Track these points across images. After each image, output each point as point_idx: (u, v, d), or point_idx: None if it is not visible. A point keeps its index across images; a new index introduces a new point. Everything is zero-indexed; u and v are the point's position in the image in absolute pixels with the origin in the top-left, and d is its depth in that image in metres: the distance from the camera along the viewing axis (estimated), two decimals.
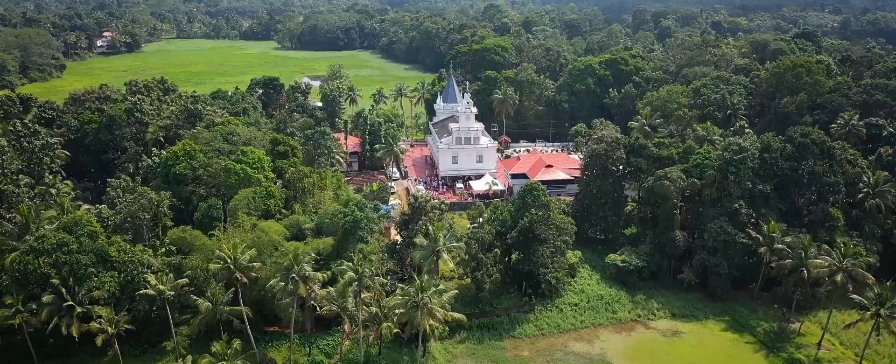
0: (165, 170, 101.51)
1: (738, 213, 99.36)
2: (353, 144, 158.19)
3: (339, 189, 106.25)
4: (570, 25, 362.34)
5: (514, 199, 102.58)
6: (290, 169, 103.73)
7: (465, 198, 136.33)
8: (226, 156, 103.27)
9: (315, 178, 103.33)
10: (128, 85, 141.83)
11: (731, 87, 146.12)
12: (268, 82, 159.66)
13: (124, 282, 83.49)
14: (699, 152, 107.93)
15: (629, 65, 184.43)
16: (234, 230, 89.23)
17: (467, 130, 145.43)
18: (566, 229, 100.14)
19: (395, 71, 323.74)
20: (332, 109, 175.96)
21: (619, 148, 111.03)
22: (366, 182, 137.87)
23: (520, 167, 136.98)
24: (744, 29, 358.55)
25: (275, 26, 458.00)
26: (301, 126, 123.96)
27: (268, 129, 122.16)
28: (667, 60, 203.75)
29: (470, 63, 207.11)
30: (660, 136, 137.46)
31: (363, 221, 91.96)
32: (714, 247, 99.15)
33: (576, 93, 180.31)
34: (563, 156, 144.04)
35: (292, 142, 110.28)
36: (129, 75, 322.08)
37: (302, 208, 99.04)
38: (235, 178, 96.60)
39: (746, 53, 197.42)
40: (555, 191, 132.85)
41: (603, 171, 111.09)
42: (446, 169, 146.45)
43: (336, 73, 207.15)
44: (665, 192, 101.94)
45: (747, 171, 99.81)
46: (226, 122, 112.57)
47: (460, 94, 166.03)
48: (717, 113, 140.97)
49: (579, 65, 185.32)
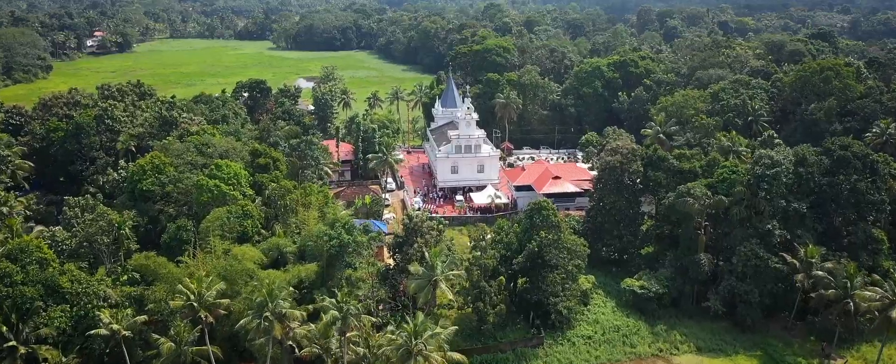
0: (131, 185, 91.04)
1: (771, 235, 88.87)
2: (346, 152, 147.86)
3: (326, 206, 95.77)
4: (573, 25, 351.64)
5: (520, 219, 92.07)
6: (270, 184, 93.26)
7: (466, 211, 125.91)
8: (199, 170, 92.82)
9: (299, 194, 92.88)
10: (99, 89, 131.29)
11: (751, 92, 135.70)
12: (254, 85, 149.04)
13: (77, 317, 73.12)
14: (725, 165, 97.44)
15: (639, 67, 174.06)
16: (204, 256, 78.80)
17: (468, 138, 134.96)
18: (578, 252, 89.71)
19: (392, 72, 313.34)
20: (325, 114, 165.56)
21: (635, 160, 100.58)
22: (358, 194, 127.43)
23: (524, 178, 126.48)
24: (752, 29, 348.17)
25: (270, 26, 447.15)
26: (286, 135, 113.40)
27: (250, 139, 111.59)
28: (678, 62, 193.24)
29: (470, 65, 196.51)
30: (676, 143, 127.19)
31: (351, 245, 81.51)
32: (744, 272, 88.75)
33: (582, 96, 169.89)
34: (571, 166, 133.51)
35: (275, 153, 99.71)
36: (118, 76, 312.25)
37: (283, 229, 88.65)
38: (208, 196, 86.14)
39: (762, 55, 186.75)
40: (563, 204, 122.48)
41: (617, 185, 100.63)
42: (445, 179, 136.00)
43: (329, 75, 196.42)
44: (688, 211, 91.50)
45: (781, 188, 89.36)
46: (201, 131, 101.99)
47: (460, 99, 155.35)
48: (737, 119, 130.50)
49: (586, 67, 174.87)
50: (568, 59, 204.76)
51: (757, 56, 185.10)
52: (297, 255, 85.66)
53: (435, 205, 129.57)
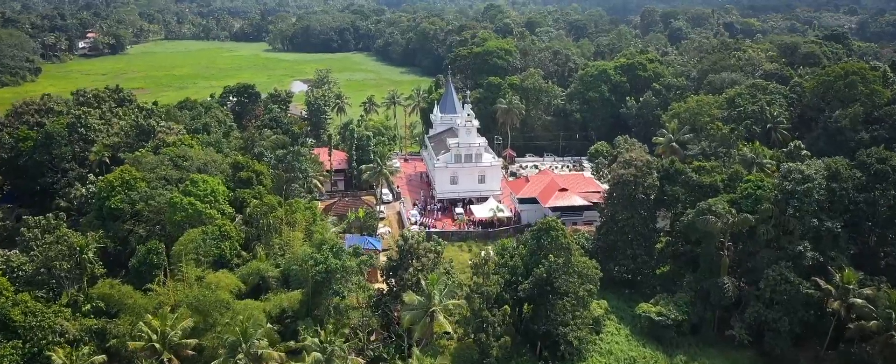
0: (99, 203, 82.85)
1: (802, 257, 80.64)
2: (340, 160, 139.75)
3: (313, 224, 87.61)
4: (575, 26, 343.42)
5: (526, 240, 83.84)
6: (252, 201, 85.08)
7: (466, 226, 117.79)
8: (174, 185, 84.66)
9: (283, 211, 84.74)
10: (75, 94, 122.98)
11: (769, 97, 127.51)
12: (242, 90, 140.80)
13: (30, 354, 65.13)
14: (749, 180, 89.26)
15: (647, 70, 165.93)
16: (175, 285, 70.69)
17: (468, 146, 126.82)
18: (590, 276, 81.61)
19: (390, 74, 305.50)
20: (318, 120, 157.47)
21: (651, 173, 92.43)
22: (351, 206, 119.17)
23: (529, 190, 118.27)
24: (758, 30, 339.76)
25: (266, 27, 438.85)
26: (272, 145, 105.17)
27: (233, 149, 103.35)
28: (687, 65, 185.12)
29: (470, 67, 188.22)
30: (690, 153, 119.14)
31: (339, 272, 73.41)
32: (772, 298, 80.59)
33: (588, 101, 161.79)
34: (579, 177, 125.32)
35: (258, 166, 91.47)
36: (109, 79, 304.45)
37: (265, 251, 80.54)
38: (182, 215, 77.96)
39: (775, 57, 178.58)
40: (570, 218, 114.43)
41: (631, 200, 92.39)
42: (444, 191, 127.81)
43: (323, 79, 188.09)
44: (710, 230, 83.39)
45: (812, 206, 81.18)
46: (178, 142, 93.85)
47: (460, 104, 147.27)
48: (755, 127, 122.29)
49: (592, 70, 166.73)
50: (572, 62, 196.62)
51: (770, 59, 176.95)
52: (281, 281, 77.71)
53: (433, 218, 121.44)
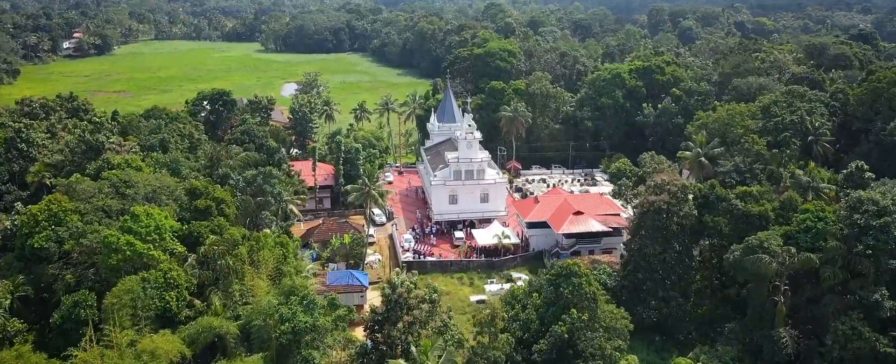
0: (21, 240, 68.19)
1: (879, 307, 66.16)
2: (326, 175, 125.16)
3: (284, 262, 72.94)
4: (580, 26, 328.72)
5: (541, 285, 69.05)
6: (209, 236, 70.39)
7: (467, 254, 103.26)
8: (115, 218, 69.99)
9: (247, 248, 70.08)
10: (19, 104, 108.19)
11: (809, 106, 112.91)
12: (217, 97, 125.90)
13: None
14: (807, 210, 74.53)
15: (665, 73, 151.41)
16: (101, 352, 56.05)
17: (469, 162, 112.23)
18: (619, 330, 67.03)
19: (386, 76, 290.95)
20: (303, 129, 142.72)
21: (686, 200, 77.77)
22: (336, 231, 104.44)
23: (539, 213, 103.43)
24: (771, 29, 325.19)
25: (259, 27, 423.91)
26: (242, 163, 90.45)
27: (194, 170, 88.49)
28: (706, 68, 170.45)
29: (470, 70, 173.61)
30: (722, 170, 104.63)
31: (309, 332, 58.81)
32: (841, 356, 66.05)
33: (600, 108, 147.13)
34: (596, 197, 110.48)
35: (219, 192, 76.66)
36: (91, 81, 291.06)
37: (223, 300, 65.86)
38: (118, 258, 63.33)
39: (802, 59, 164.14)
40: (586, 245, 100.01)
41: (663, 232, 77.78)
42: (442, 211, 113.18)
43: (311, 83, 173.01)
44: (762, 272, 68.80)
45: (890, 244, 66.64)
46: (124, 162, 79.12)
47: (459, 112, 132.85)
48: (794, 140, 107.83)
49: (605, 73, 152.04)
50: (581, 65, 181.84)
51: (796, 61, 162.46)
52: (242, 338, 63.15)
53: (429, 244, 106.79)
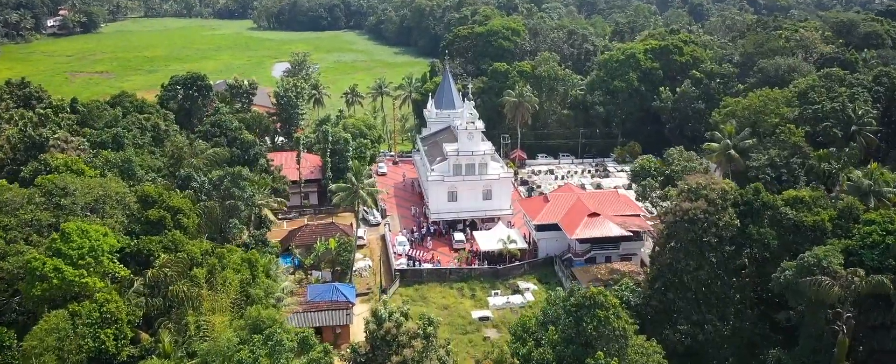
0: None
1: None
2: (312, 167, 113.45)
3: (252, 284, 61.41)
4: (585, 2, 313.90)
5: (558, 315, 57.44)
6: (161, 255, 58.77)
7: (470, 261, 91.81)
8: (46, 234, 58.31)
9: (205, 270, 58.52)
10: None
11: (851, 91, 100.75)
12: (190, 82, 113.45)
13: None
14: (872, 220, 62.80)
15: (684, 54, 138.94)
16: None
17: (470, 155, 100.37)
18: None
19: (382, 55, 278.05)
20: (288, 116, 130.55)
21: (726, 209, 66.05)
22: (321, 234, 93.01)
23: (549, 214, 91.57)
24: (784, 6, 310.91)
25: (252, 3, 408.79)
26: (209, 161, 78.41)
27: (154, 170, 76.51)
28: (726, 47, 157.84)
29: (471, 50, 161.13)
30: (755, 164, 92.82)
31: None
32: None
33: (613, 91, 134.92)
34: (612, 194, 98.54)
35: (176, 200, 64.75)
36: (74, 61, 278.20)
37: (174, 335, 54.44)
38: (43, 288, 51.75)
39: (830, 38, 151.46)
40: (603, 251, 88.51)
41: (698, 245, 66.22)
42: (439, 210, 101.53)
43: (299, 65, 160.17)
44: (824, 297, 57.32)
45: None
46: (64, 164, 67.13)
47: (459, 97, 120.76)
48: (835, 130, 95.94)
49: (617, 54, 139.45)
50: (589, 44, 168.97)
51: (824, 39, 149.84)
52: None
53: (424, 249, 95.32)
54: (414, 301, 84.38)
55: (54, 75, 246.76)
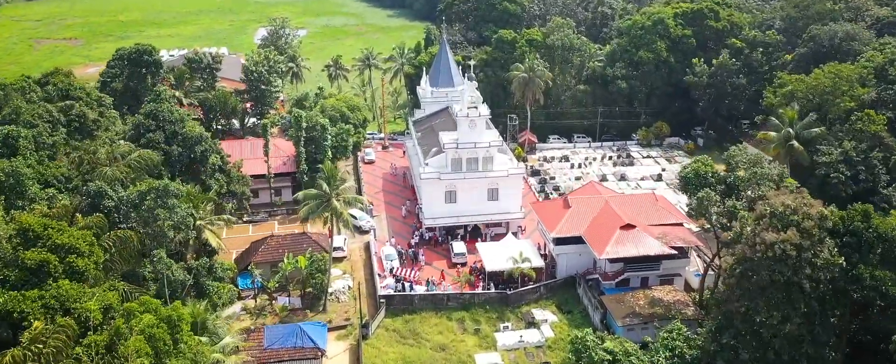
0: None
1: None
2: (285, 157, 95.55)
3: (172, 350, 43.87)
4: None
5: None
6: (39, 320, 41.11)
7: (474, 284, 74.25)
8: None
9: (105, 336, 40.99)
10: None
11: None
12: (137, 57, 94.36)
13: None
14: None
15: (721, 19, 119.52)
16: None
17: (472, 146, 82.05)
18: None
19: (375, 18, 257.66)
20: (260, 94, 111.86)
21: (824, 240, 48.16)
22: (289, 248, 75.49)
23: (570, 224, 73.37)
24: None
25: None
26: (132, 170, 59.64)
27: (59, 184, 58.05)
28: (765, 11, 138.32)
29: (472, 15, 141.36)
30: (824, 159, 74.89)
31: None
32: None
33: (637, 64, 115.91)
34: (648, 197, 79.86)
35: (67, 234, 46.33)
36: (42, 26, 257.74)
37: None
38: None
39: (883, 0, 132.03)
40: (638, 273, 70.93)
41: (786, 290, 48.48)
42: (435, 214, 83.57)
43: (276, 34, 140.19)
44: None
45: None
46: None
47: (459, 73, 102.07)
48: None
49: (643, 19, 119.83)
50: (607, 6, 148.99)
51: (879, 2, 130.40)
52: None
53: (417, 267, 77.63)
54: (403, 338, 67.56)
55: (18, 42, 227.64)
